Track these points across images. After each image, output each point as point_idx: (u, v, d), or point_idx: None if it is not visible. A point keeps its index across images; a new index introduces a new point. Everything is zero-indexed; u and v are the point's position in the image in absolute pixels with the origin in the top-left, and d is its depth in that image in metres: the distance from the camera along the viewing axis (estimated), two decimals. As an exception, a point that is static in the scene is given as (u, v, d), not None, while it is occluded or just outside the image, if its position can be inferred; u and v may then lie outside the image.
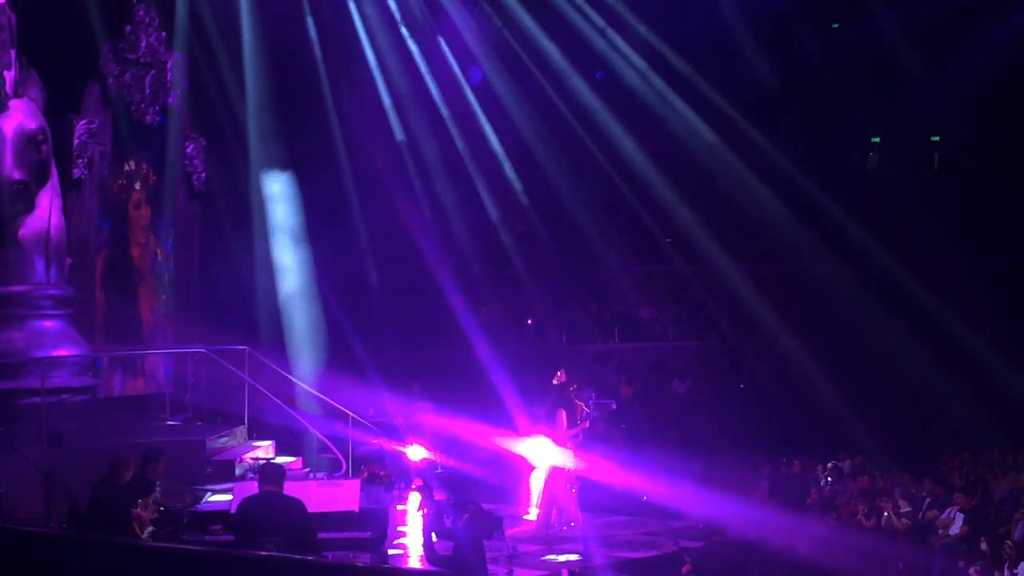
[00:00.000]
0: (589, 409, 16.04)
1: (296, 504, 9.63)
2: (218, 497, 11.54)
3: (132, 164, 16.98)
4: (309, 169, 20.50)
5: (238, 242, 19.67)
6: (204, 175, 18.24)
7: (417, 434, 17.20)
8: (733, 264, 23.36)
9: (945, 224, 22.63)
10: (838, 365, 20.75)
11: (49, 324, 14.64)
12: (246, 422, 15.32)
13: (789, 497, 16.28)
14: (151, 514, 10.29)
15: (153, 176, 17.34)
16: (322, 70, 21.74)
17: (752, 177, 23.52)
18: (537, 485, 15.28)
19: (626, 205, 24.70)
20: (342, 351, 19.53)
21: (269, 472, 9.99)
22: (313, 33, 21.64)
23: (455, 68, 23.35)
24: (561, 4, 23.15)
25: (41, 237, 14.60)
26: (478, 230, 23.86)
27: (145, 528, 10.13)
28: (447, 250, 23.04)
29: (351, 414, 14.98)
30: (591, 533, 14.85)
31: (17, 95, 14.54)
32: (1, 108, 14.29)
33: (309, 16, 21.60)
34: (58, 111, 15.29)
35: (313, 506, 10.23)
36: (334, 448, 14.96)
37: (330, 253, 20.68)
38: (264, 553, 7.69)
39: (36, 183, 14.56)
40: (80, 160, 15.63)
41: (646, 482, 16.23)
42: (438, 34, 23.12)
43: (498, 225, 23.96)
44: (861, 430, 18.70)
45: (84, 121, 15.72)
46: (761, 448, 18.50)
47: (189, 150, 17.93)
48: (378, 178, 22.36)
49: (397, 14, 22.73)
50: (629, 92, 23.75)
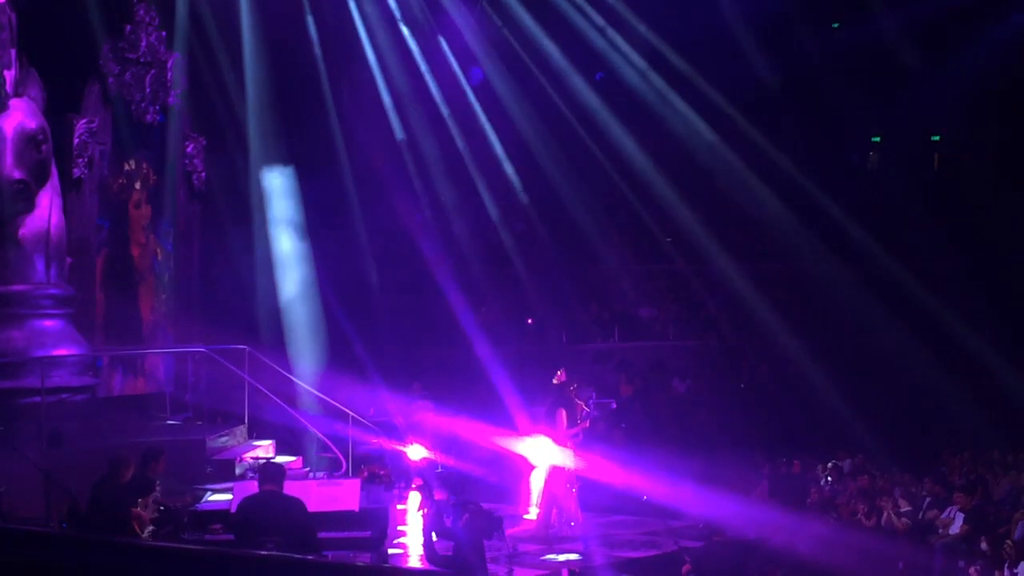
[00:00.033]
0: (589, 408, 16.01)
1: (296, 503, 9.64)
2: (218, 496, 11.54)
3: (132, 163, 16.98)
4: (309, 168, 20.49)
5: (238, 241, 19.66)
6: (204, 174, 18.23)
7: (417, 433, 17.18)
8: (733, 263, 23.34)
9: (945, 224, 22.61)
10: (838, 365, 20.73)
11: (49, 323, 14.64)
12: (246, 421, 15.32)
13: (789, 497, 16.28)
14: (151, 513, 10.29)
15: (153, 175, 17.33)
16: (322, 69, 21.73)
17: (752, 176, 23.50)
18: (537, 484, 15.27)
19: (626, 204, 24.68)
20: (342, 351, 19.52)
21: (269, 471, 9.99)
22: (313, 32, 21.63)
23: (455, 67, 23.34)
24: (561, 3, 23.12)
25: (41, 236, 14.59)
26: (478, 229, 23.85)
27: (145, 527, 10.13)
28: (447, 249, 23.04)
29: (351, 413, 14.98)
30: (591, 532, 14.84)
31: (17, 94, 14.55)
32: (1, 107, 14.29)
33: (309, 15, 21.59)
34: (58, 110, 15.30)
35: (313, 505, 10.24)
36: (334, 447, 14.95)
37: (330, 252, 20.68)
38: (264, 552, 7.69)
39: (36, 182, 14.56)
40: (80, 159, 15.63)
41: (646, 482, 16.23)
42: (438, 33, 23.10)
43: (498, 224, 23.94)
44: (861, 430, 18.68)
45: (84, 120, 15.72)
46: (761, 447, 18.49)
47: (189, 149, 17.93)
48: (378, 177, 22.35)
49: (397, 13, 22.72)
50: (629, 91, 23.73)
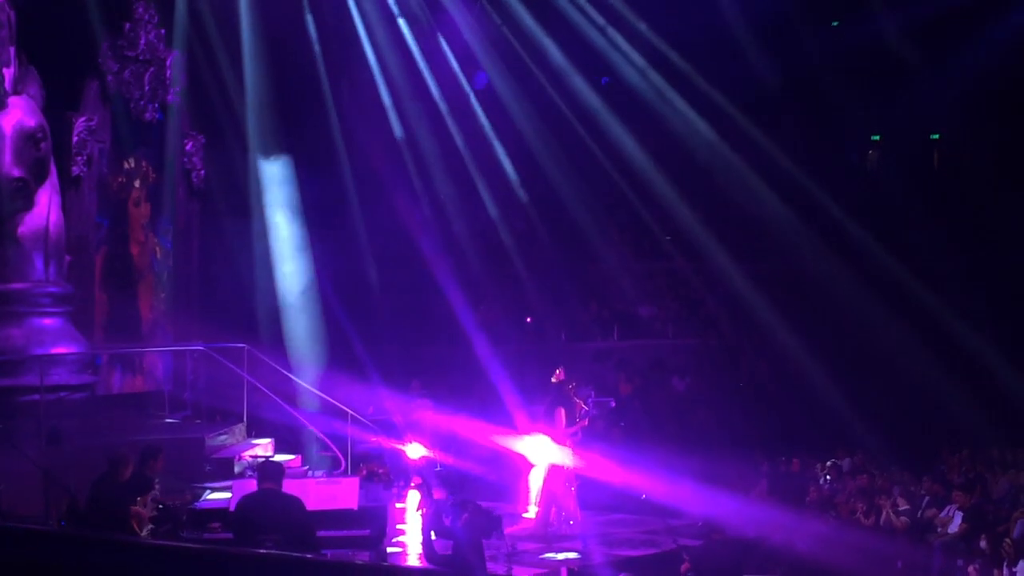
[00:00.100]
0: (588, 407, 16.03)
1: (295, 502, 9.64)
2: (217, 495, 11.55)
3: (132, 162, 16.97)
4: (308, 166, 20.49)
5: (237, 239, 19.65)
6: (203, 172, 18.22)
7: (416, 432, 17.19)
8: (733, 262, 23.31)
9: (945, 222, 22.58)
10: (837, 363, 20.71)
11: (48, 321, 14.64)
12: (245, 420, 15.31)
13: (788, 495, 16.27)
14: (150, 512, 10.28)
15: (153, 173, 17.32)
16: (321, 67, 21.72)
17: (752, 175, 23.48)
18: (536, 483, 15.28)
19: (626, 203, 24.65)
20: (341, 349, 19.52)
21: (268, 470, 9.99)
22: (312, 30, 21.62)
23: (455, 66, 23.32)
24: (561, 2, 23.10)
25: (40, 234, 14.59)
26: (477, 228, 23.82)
27: (144, 526, 10.12)
28: (446, 248, 23.02)
29: (350, 412, 14.96)
30: (590, 531, 14.86)
31: (16, 92, 14.54)
32: (0, 105, 14.28)
33: (308, 13, 21.58)
34: (57, 108, 15.29)
35: (312, 504, 10.24)
36: (333, 446, 14.95)
37: (329, 250, 20.68)
38: (263, 551, 7.69)
39: (35, 180, 14.56)
40: (79, 157, 15.63)
41: (645, 480, 16.24)
42: (438, 32, 23.08)
43: (497, 223, 23.92)
44: (860, 428, 18.68)
45: (83, 118, 15.72)
46: (760, 446, 18.48)
47: (188, 147, 17.92)
48: (377, 176, 22.33)
49: (396, 11, 22.70)
50: (629, 90, 23.71)
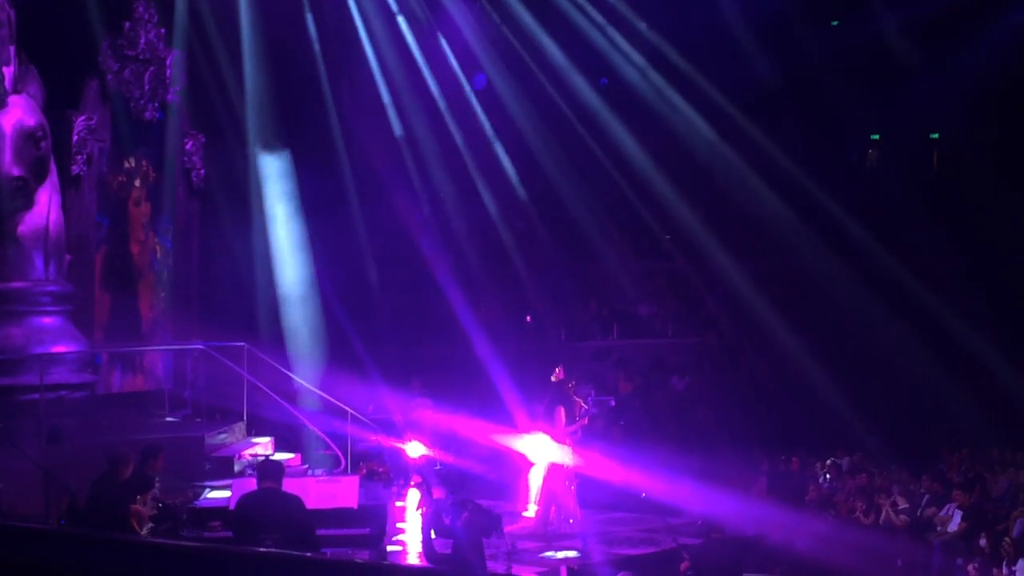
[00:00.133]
0: (588, 406, 16.03)
1: (295, 501, 9.65)
2: (217, 494, 11.55)
3: (132, 161, 16.97)
4: (308, 165, 20.48)
5: (237, 239, 19.66)
6: (203, 171, 18.22)
7: (416, 431, 17.19)
8: (732, 261, 23.32)
9: (944, 222, 22.57)
10: (837, 362, 20.71)
11: (48, 320, 14.64)
12: (245, 419, 15.32)
13: (788, 494, 16.29)
14: (150, 510, 10.29)
15: (153, 173, 17.32)
16: (321, 66, 21.71)
17: (751, 174, 23.48)
18: (536, 482, 15.29)
19: (625, 202, 24.64)
20: (341, 348, 19.52)
21: (268, 469, 10.00)
22: (312, 29, 21.61)
23: (455, 65, 23.32)
24: (561, 1, 23.10)
25: (40, 233, 14.59)
26: (477, 227, 23.83)
27: (144, 524, 10.12)
28: (446, 247, 23.03)
29: (350, 411, 14.97)
30: (590, 530, 14.87)
31: (16, 91, 14.54)
32: (0, 104, 14.29)
33: (308, 12, 21.58)
34: (57, 107, 15.29)
35: (312, 503, 10.25)
36: (333, 445, 14.96)
37: (329, 249, 20.68)
38: (263, 550, 7.70)
39: (35, 179, 14.56)
40: (79, 156, 15.63)
41: (645, 479, 16.25)
42: (437, 31, 23.08)
43: (497, 222, 23.92)
44: (860, 428, 18.68)
45: (83, 117, 15.71)
46: (760, 445, 18.49)
47: (188, 147, 17.91)
48: (377, 175, 22.33)
49: (396, 9, 22.70)
50: (629, 89, 23.71)
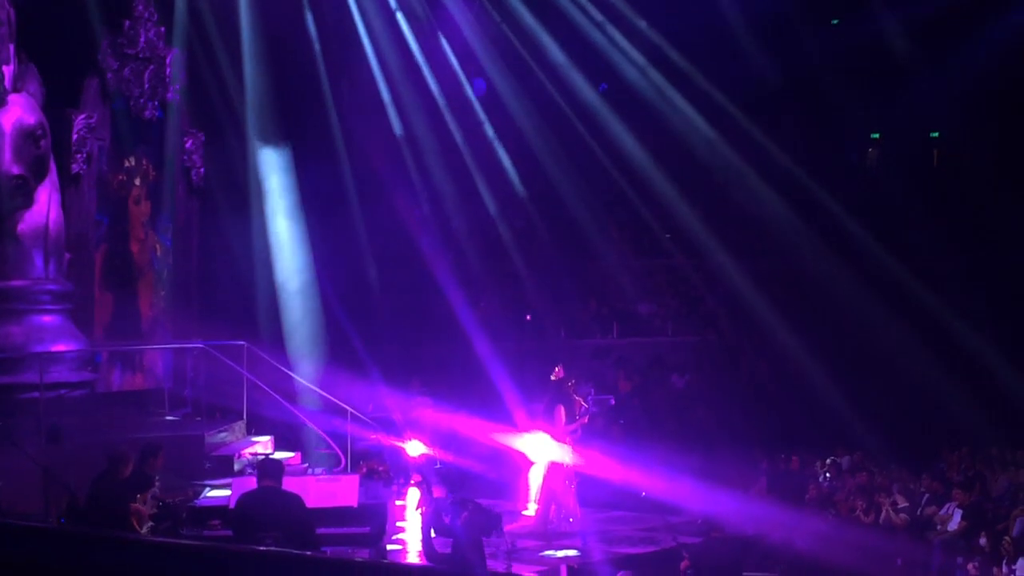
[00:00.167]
0: (588, 404, 16.02)
1: (294, 499, 9.65)
2: (217, 492, 11.54)
3: (132, 160, 16.97)
4: (308, 164, 20.48)
5: (237, 237, 19.65)
6: (203, 170, 18.22)
7: (416, 429, 17.18)
8: (732, 260, 23.32)
9: (944, 221, 22.57)
10: (837, 361, 20.72)
11: (48, 319, 14.63)
12: (245, 417, 15.32)
13: (787, 493, 16.28)
14: (150, 509, 10.28)
15: (153, 171, 17.33)
16: (321, 65, 21.70)
17: (751, 173, 23.48)
18: (536, 481, 15.28)
19: (625, 200, 24.64)
20: (341, 347, 19.51)
21: (268, 467, 10.00)
22: (312, 28, 21.60)
23: (455, 64, 23.31)
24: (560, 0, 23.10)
25: (39, 232, 14.59)
26: (477, 225, 23.83)
27: (144, 523, 10.12)
28: (446, 245, 23.02)
29: (350, 409, 14.97)
30: (590, 528, 14.86)
31: (16, 90, 14.54)
32: (0, 103, 14.28)
33: (308, 11, 21.57)
34: (57, 106, 15.29)
35: (312, 501, 10.25)
36: (333, 444, 14.96)
37: (329, 248, 20.67)
38: (263, 548, 7.69)
39: (35, 178, 14.55)
40: (79, 155, 15.63)
41: (645, 477, 16.24)
42: (437, 29, 23.07)
43: (497, 220, 23.92)
44: (860, 428, 18.68)
45: (83, 116, 15.72)
46: (760, 444, 18.48)
47: (188, 145, 17.90)
48: (377, 174, 22.32)
49: (395, 5, 22.69)
50: (629, 88, 23.70)
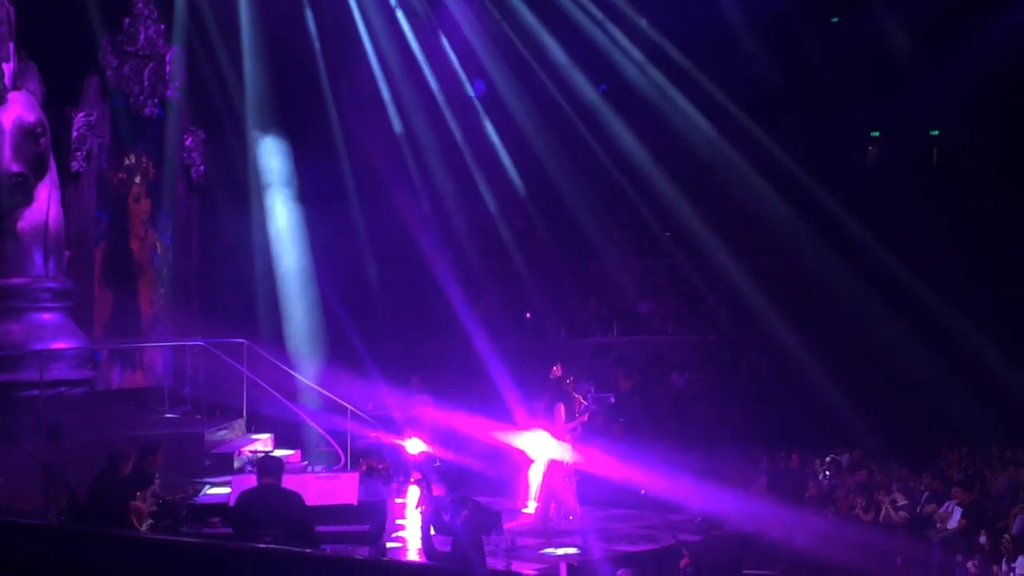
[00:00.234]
0: (588, 403, 16.02)
1: (294, 497, 9.65)
2: (216, 490, 11.54)
3: (132, 157, 16.98)
4: (308, 162, 20.48)
5: (237, 235, 19.65)
6: (203, 168, 18.22)
7: (415, 427, 17.18)
8: (732, 258, 23.32)
9: (944, 219, 22.58)
10: (837, 360, 20.73)
11: (47, 317, 14.63)
12: (244, 415, 15.31)
13: (787, 491, 16.29)
14: (150, 507, 10.29)
15: (153, 169, 17.33)
16: (321, 63, 21.70)
17: (752, 171, 23.48)
18: (535, 478, 15.28)
19: (625, 199, 24.64)
20: (341, 345, 19.51)
21: (267, 465, 10.00)
22: (312, 26, 21.60)
23: (455, 62, 23.30)
24: (561, -2, 23.11)
25: (39, 230, 14.58)
26: (477, 224, 23.83)
27: (144, 521, 10.13)
28: (446, 244, 23.02)
29: (350, 407, 14.97)
30: (589, 526, 14.86)
31: (16, 88, 14.54)
32: (0, 100, 14.28)
33: (308, 8, 21.56)
34: (57, 104, 15.28)
35: (311, 499, 10.24)
36: (333, 441, 14.96)
37: (329, 246, 20.66)
38: (262, 546, 7.70)
39: (34, 176, 14.55)
40: (79, 153, 15.63)
41: (644, 475, 16.23)
42: (437, 27, 23.06)
43: (497, 219, 23.92)
44: (860, 425, 18.69)
45: (83, 114, 15.72)
46: (760, 442, 18.50)
47: (188, 143, 17.91)
48: (377, 172, 22.32)
49: (396, 7, 22.68)
50: (629, 87, 23.70)
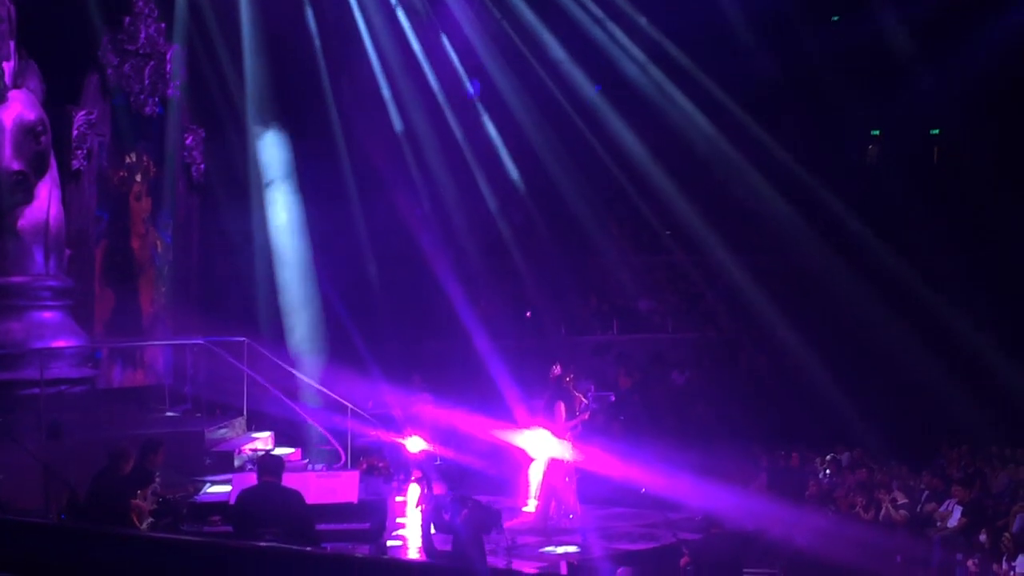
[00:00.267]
0: (588, 401, 16.02)
1: (294, 495, 9.65)
2: (217, 488, 11.55)
3: (133, 156, 16.99)
4: (308, 160, 20.48)
5: (237, 233, 19.66)
6: (203, 166, 18.23)
7: (416, 426, 17.18)
8: (732, 256, 23.32)
9: (944, 217, 22.58)
10: (837, 358, 20.73)
11: (48, 315, 14.64)
12: (245, 413, 15.32)
13: (787, 489, 16.30)
14: (150, 505, 10.30)
15: (154, 168, 17.33)
16: (321, 62, 21.70)
17: (751, 169, 23.47)
18: (536, 477, 15.28)
19: (625, 197, 24.64)
20: (341, 343, 19.51)
21: (268, 463, 10.00)
22: (312, 24, 21.59)
23: (455, 60, 23.30)
24: (561, -5, 23.10)
25: (40, 228, 14.59)
26: (477, 222, 23.82)
27: (144, 519, 10.13)
28: (446, 242, 23.01)
29: (350, 406, 14.97)
30: (590, 525, 14.86)
31: (16, 86, 14.54)
32: (0, 99, 14.28)
33: (308, 7, 21.56)
34: (57, 102, 15.28)
35: (312, 497, 10.25)
36: (333, 440, 14.96)
37: (330, 245, 20.67)
38: (263, 544, 7.70)
39: (35, 174, 14.56)
40: (79, 151, 15.63)
41: (644, 474, 16.23)
42: (438, 25, 23.06)
43: (497, 217, 23.91)
44: (860, 423, 18.69)
45: (83, 112, 15.72)
46: (759, 440, 18.50)
47: (188, 141, 17.92)
48: (377, 170, 22.32)
49: (396, 5, 22.67)
50: (629, 84, 23.70)
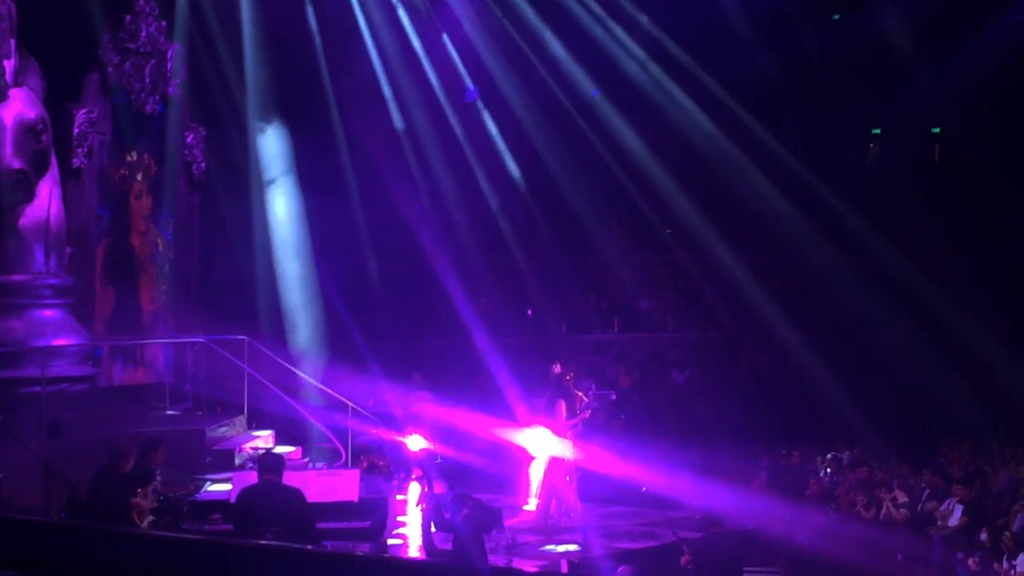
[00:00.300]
0: (588, 399, 16.02)
1: (295, 494, 9.66)
2: (217, 486, 11.57)
3: (134, 154, 16.99)
4: (308, 158, 20.48)
5: (238, 232, 19.66)
6: (204, 165, 18.24)
7: (416, 424, 17.19)
8: (732, 254, 23.32)
9: (945, 216, 22.58)
10: (837, 356, 20.73)
11: (49, 313, 14.64)
12: (245, 412, 15.32)
13: (788, 488, 16.29)
14: (151, 503, 10.31)
15: (154, 166, 17.34)
16: (322, 59, 21.70)
17: (751, 167, 23.47)
18: (536, 475, 15.29)
19: (625, 195, 24.63)
20: (342, 341, 19.52)
21: (268, 462, 10.01)
22: (313, 22, 21.60)
23: (455, 58, 23.29)
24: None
25: (41, 226, 14.59)
26: (477, 220, 23.82)
27: (145, 517, 10.15)
28: (446, 240, 23.02)
29: (350, 404, 14.98)
30: (590, 523, 14.88)
31: (17, 84, 14.54)
32: (1, 97, 14.28)
33: (309, 5, 21.56)
34: (58, 100, 15.29)
35: (312, 496, 10.26)
36: (333, 438, 14.96)
37: (330, 243, 20.67)
38: (263, 542, 7.70)
39: (36, 172, 14.56)
40: (80, 149, 15.64)
41: (645, 472, 16.24)
42: (438, 22, 23.05)
43: (497, 215, 23.92)
44: (860, 422, 18.69)
45: (84, 110, 15.72)
46: (760, 439, 18.50)
47: (189, 140, 17.92)
48: (378, 168, 22.33)
49: (397, 3, 22.66)
50: (629, 82, 23.70)
